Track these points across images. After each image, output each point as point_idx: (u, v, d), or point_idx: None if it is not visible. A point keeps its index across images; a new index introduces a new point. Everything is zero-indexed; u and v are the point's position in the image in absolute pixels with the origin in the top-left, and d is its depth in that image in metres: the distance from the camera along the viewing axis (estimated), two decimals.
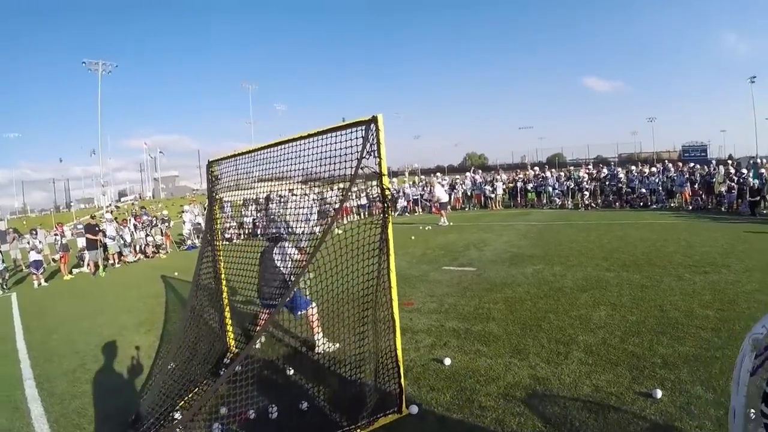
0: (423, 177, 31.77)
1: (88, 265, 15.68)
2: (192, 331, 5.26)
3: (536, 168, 27.95)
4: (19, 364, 6.47)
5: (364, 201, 25.68)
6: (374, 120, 3.74)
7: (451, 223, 18.32)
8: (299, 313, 5.55)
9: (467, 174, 27.42)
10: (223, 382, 3.71)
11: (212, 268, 5.69)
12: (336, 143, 4.00)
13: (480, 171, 30.83)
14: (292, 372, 5.07)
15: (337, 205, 4.32)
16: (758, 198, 16.51)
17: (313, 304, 5.42)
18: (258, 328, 5.61)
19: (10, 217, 57.21)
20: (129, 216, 22.22)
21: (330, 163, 4.08)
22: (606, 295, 7.03)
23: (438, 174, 27.18)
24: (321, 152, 4.14)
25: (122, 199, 61.77)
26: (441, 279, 9.00)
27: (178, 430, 3.70)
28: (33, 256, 14.66)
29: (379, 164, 3.81)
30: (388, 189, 3.90)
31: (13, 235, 23.28)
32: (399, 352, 4.14)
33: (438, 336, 5.94)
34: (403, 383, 4.11)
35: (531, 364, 4.89)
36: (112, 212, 28.09)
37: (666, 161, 26.01)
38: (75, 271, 16.10)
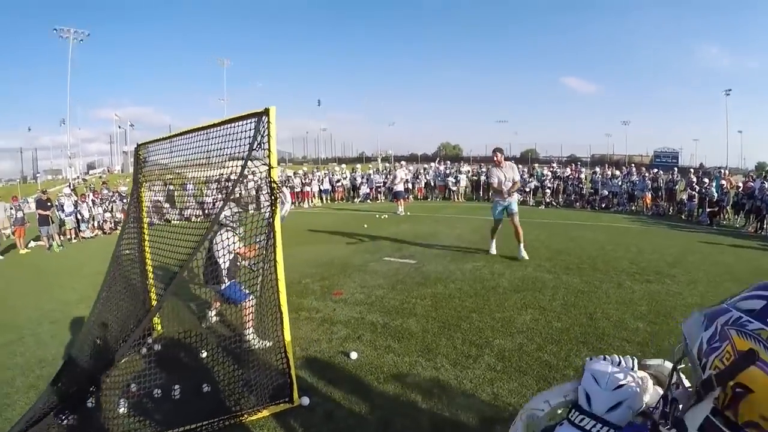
0: (387, 165, 31.45)
1: (43, 239, 15.38)
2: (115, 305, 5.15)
3: None
4: None
5: (327, 186, 25.52)
6: (266, 112, 3.74)
7: (408, 213, 18.05)
8: (239, 304, 5.41)
9: (432, 164, 27.16)
10: (125, 352, 3.76)
11: (137, 253, 5.53)
12: (239, 133, 3.98)
13: (448, 162, 30.49)
14: (204, 355, 4.90)
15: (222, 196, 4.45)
16: (717, 209, 16.44)
17: (251, 298, 5.17)
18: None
19: None
20: (87, 191, 21.58)
21: (231, 152, 4.05)
22: (538, 297, 6.76)
23: (402, 162, 26.79)
24: (226, 142, 4.11)
25: (91, 172, 59.93)
26: (378, 270, 8.69)
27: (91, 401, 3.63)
28: None
29: (269, 157, 3.78)
30: (275, 183, 3.85)
31: None
32: (288, 345, 4.06)
33: (354, 328, 5.72)
34: (293, 374, 4.05)
35: (437, 365, 4.64)
36: (75, 187, 27.38)
37: (632, 165, 26.08)
38: (32, 244, 15.79)
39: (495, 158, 9.59)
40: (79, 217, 17.17)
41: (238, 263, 5.52)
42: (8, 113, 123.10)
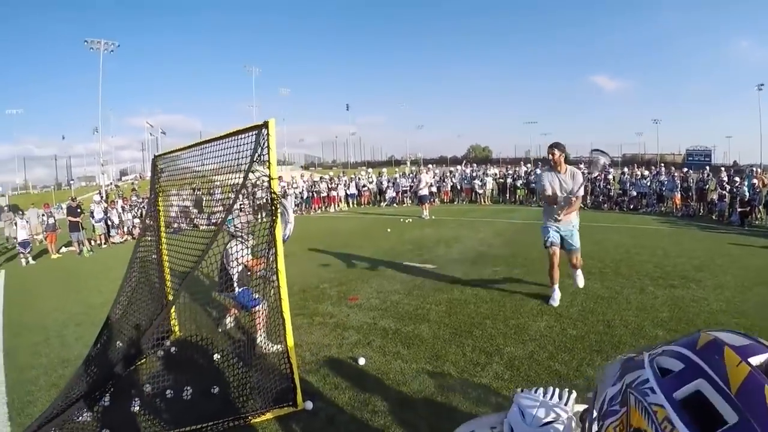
0: (414, 168, 31.49)
1: (74, 245, 16.03)
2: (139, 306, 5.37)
3: (529, 164, 27.47)
4: None
5: (353, 190, 25.63)
6: (266, 125, 3.83)
7: (433, 217, 18.02)
8: (250, 310, 5.54)
9: (458, 167, 27.06)
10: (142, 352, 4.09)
11: (156, 259, 5.77)
12: (241, 146, 4.11)
13: (475, 164, 30.31)
14: (217, 357, 5.07)
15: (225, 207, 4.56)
16: (748, 208, 15.86)
17: (264, 304, 5.20)
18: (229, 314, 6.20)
19: (11, 193, 56.92)
20: (116, 198, 22.29)
21: (235, 165, 4.19)
22: None
23: (429, 166, 26.76)
24: (229, 154, 4.27)
25: (123, 178, 61.69)
26: (396, 275, 8.68)
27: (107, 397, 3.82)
28: (21, 235, 15.07)
29: (269, 168, 3.90)
30: (275, 194, 3.96)
31: (8, 213, 23.34)
32: (291, 350, 4.12)
33: (366, 334, 5.74)
34: (296, 379, 4.08)
35: (444, 373, 4.60)
36: (107, 194, 28.35)
37: (663, 165, 25.50)
38: (64, 249, 16.55)
39: (552, 156, 6.52)
40: (110, 223, 17.69)
41: (249, 272, 5.62)
42: (43, 123, 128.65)
